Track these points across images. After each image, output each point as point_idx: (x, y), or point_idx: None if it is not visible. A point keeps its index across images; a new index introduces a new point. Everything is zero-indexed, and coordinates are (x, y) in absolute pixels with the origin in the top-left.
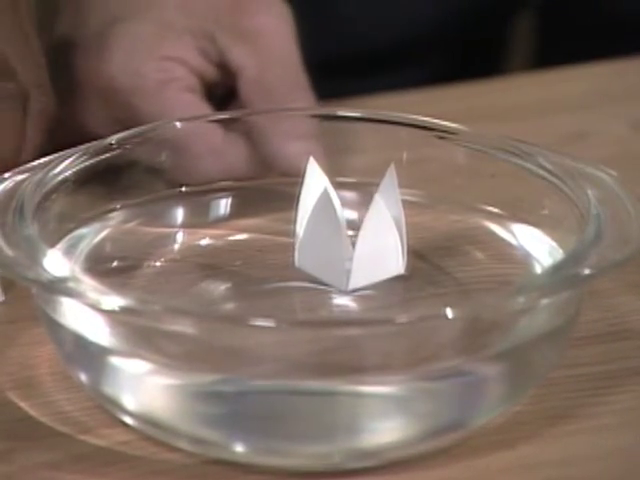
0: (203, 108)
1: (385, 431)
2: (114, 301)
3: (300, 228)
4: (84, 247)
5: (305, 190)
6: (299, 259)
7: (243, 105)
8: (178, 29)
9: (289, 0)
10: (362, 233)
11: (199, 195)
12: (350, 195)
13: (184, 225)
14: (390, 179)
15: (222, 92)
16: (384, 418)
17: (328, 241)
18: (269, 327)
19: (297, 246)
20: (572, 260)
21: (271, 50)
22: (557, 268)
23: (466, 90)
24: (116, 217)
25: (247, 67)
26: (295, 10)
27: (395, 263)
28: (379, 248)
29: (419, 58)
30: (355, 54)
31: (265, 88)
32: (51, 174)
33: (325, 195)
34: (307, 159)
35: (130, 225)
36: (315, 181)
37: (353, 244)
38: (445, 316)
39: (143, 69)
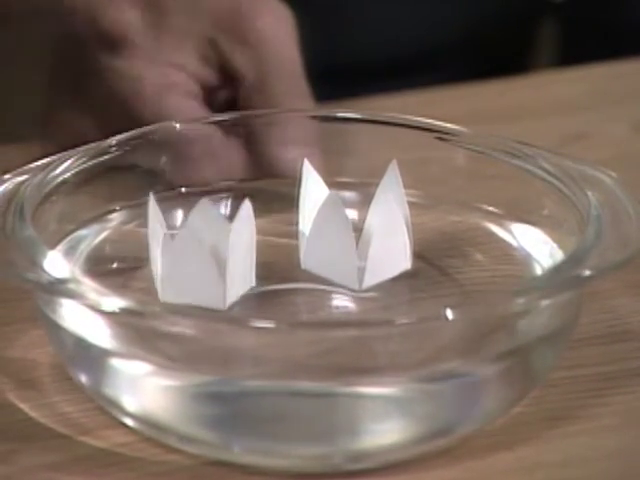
0: (203, 114)
1: (385, 433)
2: (114, 302)
3: (304, 230)
4: (84, 248)
5: (303, 192)
6: (305, 260)
7: (243, 110)
8: (178, 34)
9: (308, 6)
10: (375, 232)
11: (199, 196)
12: (350, 196)
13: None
14: (393, 174)
15: (224, 98)
16: (384, 419)
17: (337, 242)
18: (269, 328)
19: (303, 248)
20: (572, 261)
21: (272, 56)
22: (557, 269)
23: (466, 92)
24: (116, 218)
25: (248, 73)
26: (315, 16)
27: (403, 259)
28: (390, 246)
29: (440, 64)
30: (378, 60)
31: (265, 94)
32: (51, 175)
33: (333, 196)
34: (302, 162)
35: (130, 226)
36: (312, 182)
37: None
38: (445, 318)
39: (143, 74)
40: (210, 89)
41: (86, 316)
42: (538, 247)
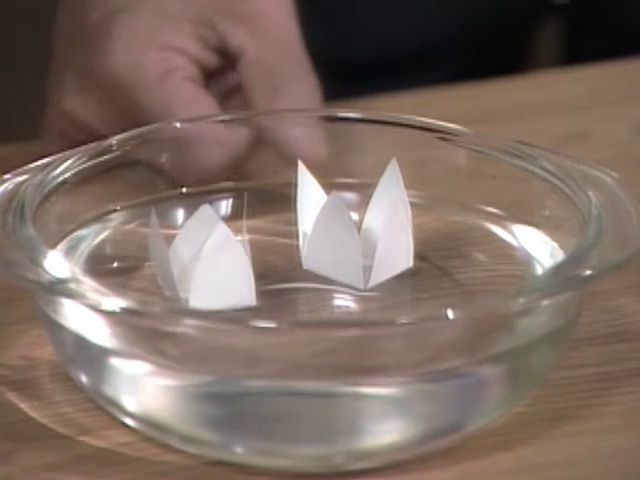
0: (204, 97)
1: (385, 432)
2: (115, 302)
3: (303, 230)
4: (84, 248)
5: (300, 192)
6: (307, 260)
7: (244, 87)
8: (177, 18)
9: (305, 6)
10: (380, 231)
11: (199, 196)
12: (351, 196)
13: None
14: (393, 172)
15: (224, 81)
16: (384, 419)
17: (341, 242)
18: (269, 328)
19: (304, 248)
20: (573, 261)
21: (271, 31)
22: (558, 269)
23: (467, 92)
24: (116, 218)
25: (247, 49)
26: (316, 16)
27: (406, 258)
28: (394, 244)
29: (441, 63)
30: (376, 59)
31: (265, 69)
32: (51, 175)
33: (335, 197)
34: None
35: (130, 226)
36: (308, 183)
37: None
38: (446, 317)
39: (143, 61)
40: (210, 72)
41: (86, 316)
42: (539, 247)
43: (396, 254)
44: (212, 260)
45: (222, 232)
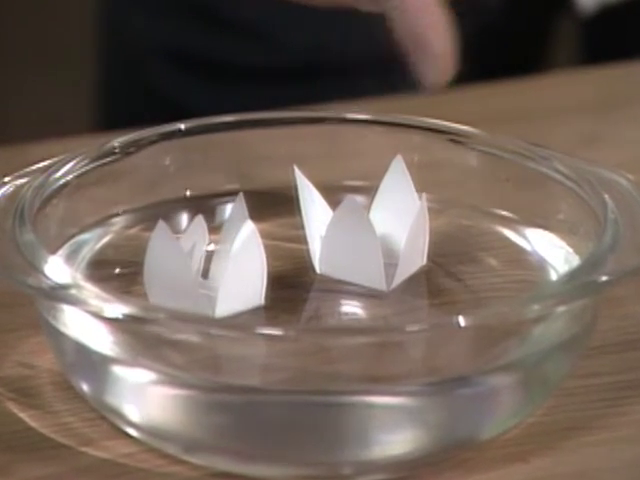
0: None
1: (396, 443)
2: (117, 309)
3: (313, 234)
4: (86, 253)
5: (302, 197)
6: (322, 264)
7: None
8: None
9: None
10: (408, 235)
11: (203, 200)
12: (360, 199)
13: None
14: (399, 168)
15: None
16: (395, 429)
17: (361, 244)
18: (276, 335)
19: (317, 252)
20: (588, 266)
21: None
22: (573, 275)
23: (479, 93)
24: (119, 222)
25: None
26: (322, 13)
27: (420, 255)
28: (415, 245)
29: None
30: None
31: None
32: (52, 178)
33: (350, 199)
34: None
35: (133, 230)
36: (306, 188)
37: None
38: (457, 324)
39: None
40: None
41: (88, 322)
42: (553, 252)
43: (414, 254)
44: (240, 259)
45: (250, 229)
